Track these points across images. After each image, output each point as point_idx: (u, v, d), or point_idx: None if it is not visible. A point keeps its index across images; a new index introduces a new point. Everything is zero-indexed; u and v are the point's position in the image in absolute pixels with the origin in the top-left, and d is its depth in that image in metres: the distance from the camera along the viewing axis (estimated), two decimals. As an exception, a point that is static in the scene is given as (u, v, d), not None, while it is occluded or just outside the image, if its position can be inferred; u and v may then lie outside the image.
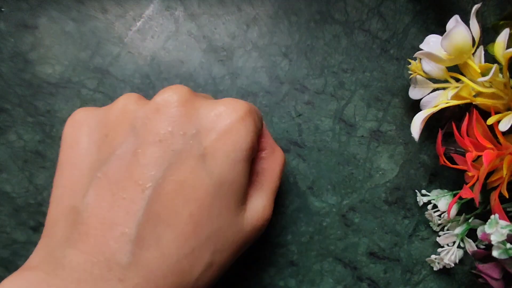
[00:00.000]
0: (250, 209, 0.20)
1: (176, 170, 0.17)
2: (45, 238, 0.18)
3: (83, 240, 0.16)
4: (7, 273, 0.25)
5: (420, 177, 0.27)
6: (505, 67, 0.21)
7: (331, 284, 0.26)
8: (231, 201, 0.18)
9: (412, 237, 0.27)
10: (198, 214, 0.17)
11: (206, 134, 0.18)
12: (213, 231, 0.18)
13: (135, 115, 0.18)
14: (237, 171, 0.19)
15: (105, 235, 0.16)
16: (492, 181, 0.23)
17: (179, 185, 0.17)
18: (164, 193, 0.17)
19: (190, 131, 0.18)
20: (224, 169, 0.18)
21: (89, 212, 0.17)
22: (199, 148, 0.18)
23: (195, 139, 0.18)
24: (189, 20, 0.28)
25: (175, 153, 0.17)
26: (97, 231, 0.16)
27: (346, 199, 0.27)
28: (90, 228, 0.16)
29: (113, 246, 0.16)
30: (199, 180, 0.18)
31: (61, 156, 0.19)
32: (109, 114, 0.19)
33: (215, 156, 0.18)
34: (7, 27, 0.27)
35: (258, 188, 0.21)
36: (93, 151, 0.18)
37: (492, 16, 0.28)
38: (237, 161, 0.18)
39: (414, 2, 0.28)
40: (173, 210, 0.17)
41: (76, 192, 0.18)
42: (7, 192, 0.26)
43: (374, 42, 0.28)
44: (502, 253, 0.21)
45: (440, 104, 0.23)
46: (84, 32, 0.27)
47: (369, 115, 0.28)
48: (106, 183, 0.17)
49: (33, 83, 0.27)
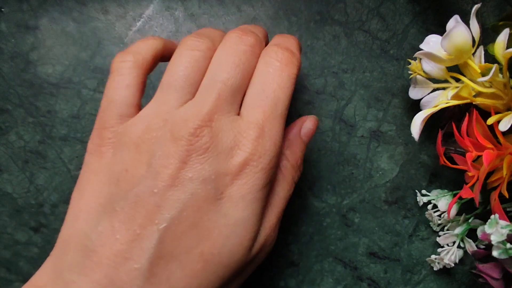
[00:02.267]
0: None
1: (192, 212, 0.17)
2: (54, 258, 0.18)
3: (94, 269, 0.17)
4: (8, 273, 0.25)
5: (420, 177, 0.27)
6: (505, 67, 0.21)
7: (331, 284, 0.26)
8: (244, 240, 0.19)
9: (412, 237, 0.27)
10: (209, 253, 0.18)
11: (223, 179, 0.18)
12: (222, 268, 0.18)
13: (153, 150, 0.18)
14: (252, 210, 0.19)
15: (117, 267, 0.16)
16: (492, 181, 0.23)
17: (194, 226, 0.17)
18: (178, 232, 0.17)
19: (210, 176, 0.18)
20: (239, 209, 0.18)
21: (103, 242, 0.17)
22: (217, 194, 0.18)
23: (213, 184, 0.18)
24: (189, 20, 0.28)
25: (193, 197, 0.17)
26: (109, 262, 0.16)
27: (346, 199, 0.27)
28: (103, 258, 0.17)
29: (125, 279, 0.16)
30: (213, 222, 0.18)
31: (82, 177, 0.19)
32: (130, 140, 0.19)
33: (232, 199, 0.18)
34: (8, 28, 0.27)
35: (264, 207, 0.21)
36: (112, 182, 0.18)
37: (491, 16, 0.28)
38: (253, 201, 0.19)
39: (414, 2, 0.28)
40: (185, 248, 0.17)
41: (91, 219, 0.18)
42: (8, 192, 0.26)
43: (374, 42, 0.28)
44: (502, 253, 0.21)
45: (440, 104, 0.23)
46: (84, 33, 0.27)
47: (369, 115, 0.28)
48: (122, 217, 0.17)
49: (34, 83, 0.27)
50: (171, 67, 0.20)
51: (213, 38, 0.21)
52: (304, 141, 0.23)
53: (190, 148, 0.18)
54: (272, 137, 0.19)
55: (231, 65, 0.19)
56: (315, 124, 0.23)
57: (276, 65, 0.20)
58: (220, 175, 0.18)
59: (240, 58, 0.20)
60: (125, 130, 0.19)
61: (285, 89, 0.20)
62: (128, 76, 0.20)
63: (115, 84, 0.20)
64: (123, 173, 0.18)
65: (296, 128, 0.23)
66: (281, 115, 0.20)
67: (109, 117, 0.19)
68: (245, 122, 0.19)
